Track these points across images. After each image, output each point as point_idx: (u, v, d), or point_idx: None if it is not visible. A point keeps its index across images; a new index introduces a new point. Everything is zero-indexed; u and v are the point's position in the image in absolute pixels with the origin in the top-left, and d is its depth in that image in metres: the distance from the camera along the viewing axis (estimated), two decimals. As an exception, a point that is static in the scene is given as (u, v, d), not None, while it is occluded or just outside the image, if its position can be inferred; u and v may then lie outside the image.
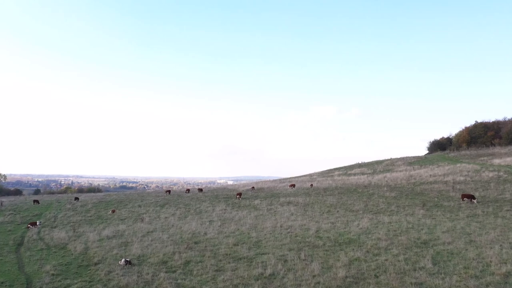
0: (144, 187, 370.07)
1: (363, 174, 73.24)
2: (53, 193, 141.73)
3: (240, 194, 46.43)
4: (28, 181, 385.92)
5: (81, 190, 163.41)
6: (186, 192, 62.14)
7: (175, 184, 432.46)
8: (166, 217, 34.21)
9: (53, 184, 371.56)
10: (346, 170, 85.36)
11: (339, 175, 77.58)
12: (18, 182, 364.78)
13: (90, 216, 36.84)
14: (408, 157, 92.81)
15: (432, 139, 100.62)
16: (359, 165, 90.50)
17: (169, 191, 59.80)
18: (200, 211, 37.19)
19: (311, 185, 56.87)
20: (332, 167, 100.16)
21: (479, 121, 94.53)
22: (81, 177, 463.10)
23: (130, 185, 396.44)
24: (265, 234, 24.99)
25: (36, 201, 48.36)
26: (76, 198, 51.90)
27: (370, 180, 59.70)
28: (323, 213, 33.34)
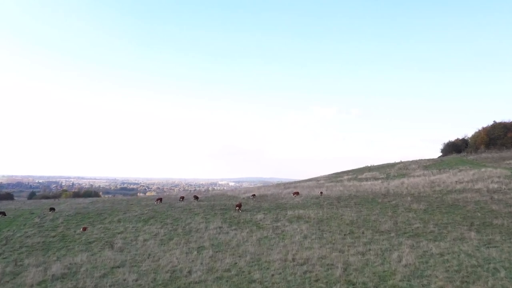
0: (145, 189, 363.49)
1: (376, 179, 65.60)
2: (47, 197, 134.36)
3: (239, 205, 38.87)
4: (28, 183, 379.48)
5: (77, 194, 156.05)
6: (180, 200, 54.61)
7: (176, 185, 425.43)
8: (145, 240, 26.68)
9: (53, 185, 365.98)
10: (356, 174, 77.71)
11: (349, 180, 69.95)
12: (19, 184, 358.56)
13: (53, 237, 29.35)
14: (422, 159, 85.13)
15: (446, 141, 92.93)
16: (369, 169, 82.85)
17: (160, 199, 52.31)
18: (189, 230, 29.65)
19: (321, 193, 49.30)
20: (339, 171, 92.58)
21: (497, 121, 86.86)
22: (83, 178, 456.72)
23: (131, 186, 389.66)
24: (273, 275, 17.47)
25: (1, 213, 40.94)
26: (52, 209, 44.46)
27: (387, 187, 52.12)
28: (344, 235, 25.77)
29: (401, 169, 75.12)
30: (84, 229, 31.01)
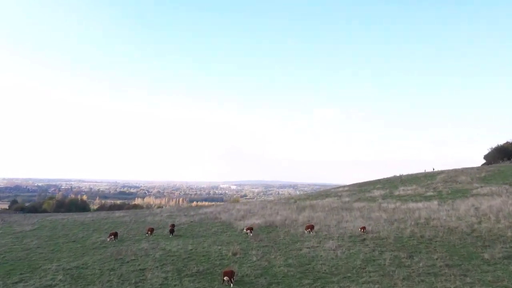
0: (145, 193, 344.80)
1: (423, 197, 46.34)
2: (22, 208, 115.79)
3: (230, 274, 19.28)
4: (27, 186, 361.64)
5: (61, 203, 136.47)
6: (147, 233, 35.74)
7: (177, 189, 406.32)
8: None
9: (52, 189, 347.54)
10: (388, 187, 58.41)
11: (383, 197, 50.69)
12: (17, 187, 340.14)
13: None
14: (468, 168, 65.76)
15: (494, 145, 73.50)
16: (401, 180, 63.62)
17: (115, 235, 33.33)
18: None
19: (363, 229, 30.10)
20: (362, 180, 73.34)
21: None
22: (83, 181, 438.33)
23: (131, 190, 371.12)
24: None
25: None
26: None
27: (459, 216, 33.00)
28: None
29: (447, 181, 55.85)
30: None
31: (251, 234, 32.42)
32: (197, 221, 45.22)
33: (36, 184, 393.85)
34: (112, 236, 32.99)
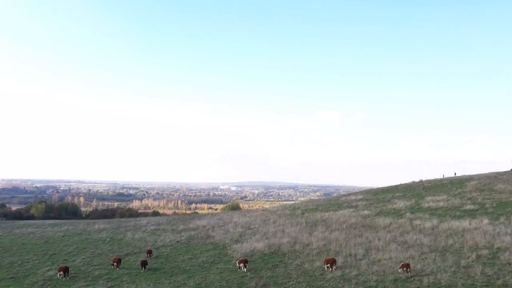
0: (144, 194, 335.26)
1: (465, 212, 37.01)
2: (6, 215, 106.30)
3: None
4: (25, 187, 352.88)
5: (50, 208, 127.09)
6: (113, 265, 26.60)
7: (177, 190, 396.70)
8: None
9: (50, 190, 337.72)
10: (411, 196, 49.00)
11: (411, 210, 41.33)
12: (14, 188, 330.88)
13: None
14: (500, 173, 56.32)
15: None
16: (425, 188, 54.29)
17: (65, 271, 24.17)
18: None
19: (406, 268, 20.87)
20: (373, 186, 64.27)
21: None
22: (83, 182, 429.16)
23: (130, 191, 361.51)
24: None
25: None
26: None
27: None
28: None
29: (482, 190, 46.56)
30: None
31: (245, 269, 23.60)
32: (185, 241, 36.17)
33: (34, 185, 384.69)
34: (62, 272, 23.93)
